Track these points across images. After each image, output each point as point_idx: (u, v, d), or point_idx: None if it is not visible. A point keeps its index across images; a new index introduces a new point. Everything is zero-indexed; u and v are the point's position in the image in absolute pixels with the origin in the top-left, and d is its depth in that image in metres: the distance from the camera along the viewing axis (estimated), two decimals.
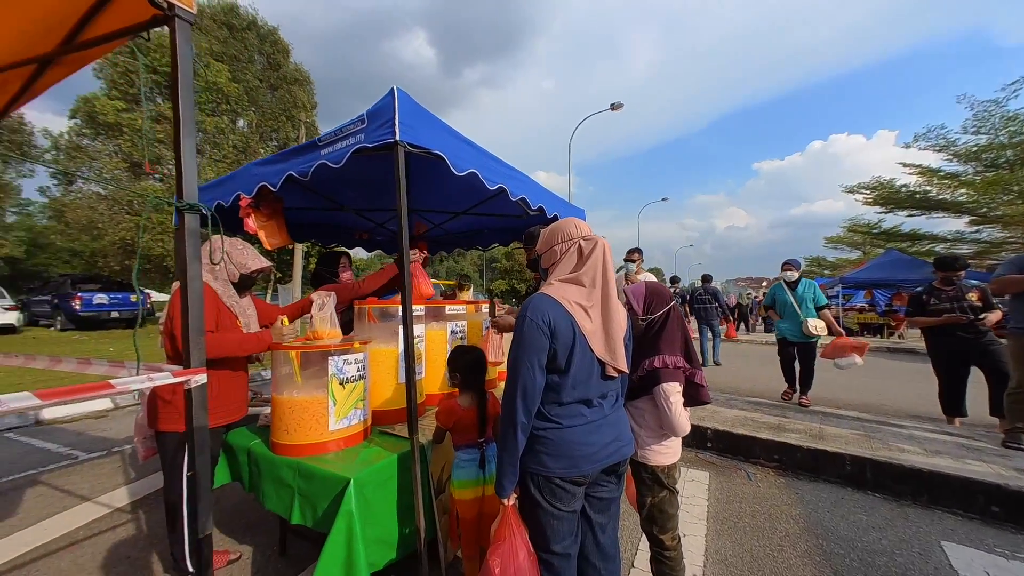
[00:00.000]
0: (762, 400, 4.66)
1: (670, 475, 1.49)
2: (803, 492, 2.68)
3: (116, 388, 0.76)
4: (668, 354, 1.46)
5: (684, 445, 3.52)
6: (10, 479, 3.19)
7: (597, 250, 1.30)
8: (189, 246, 0.94)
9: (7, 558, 2.16)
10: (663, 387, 1.43)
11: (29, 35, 1.29)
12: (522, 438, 1.22)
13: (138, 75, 12.43)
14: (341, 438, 1.76)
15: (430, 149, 1.89)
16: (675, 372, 1.44)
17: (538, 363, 1.20)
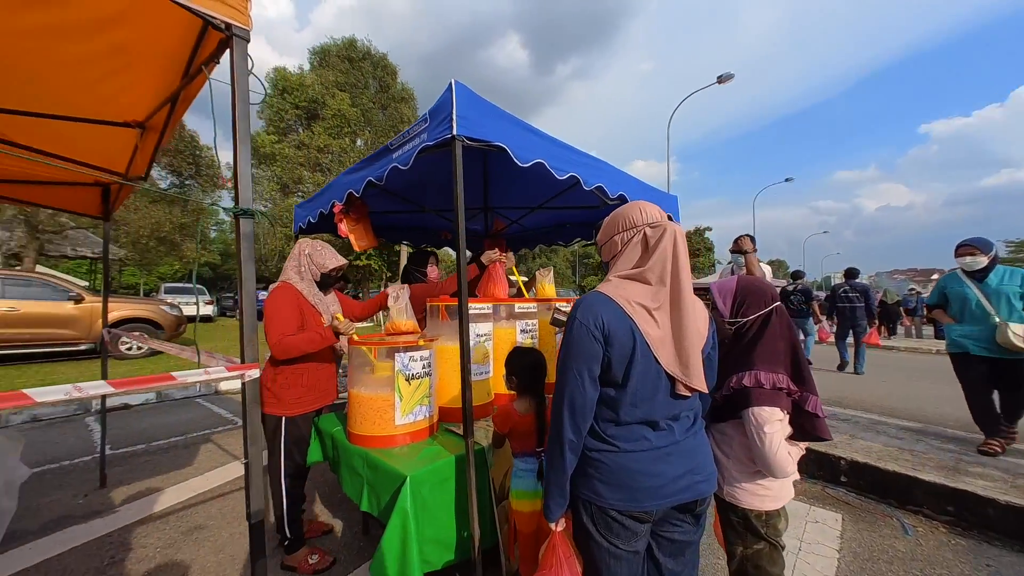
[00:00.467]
0: (925, 428, 3.57)
1: (770, 524, 1.16)
2: (1002, 567, 1.93)
3: (176, 380, 0.87)
4: (765, 369, 1.13)
5: (808, 473, 2.87)
6: (194, 435, 4.12)
7: (665, 239, 1.06)
8: (244, 249, 1.01)
9: (180, 499, 2.76)
10: (753, 412, 1.12)
11: (163, 78, 1.57)
12: (571, 457, 1.06)
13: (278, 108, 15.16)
14: (407, 433, 1.81)
15: (490, 141, 1.82)
16: (773, 394, 1.11)
17: (588, 373, 1.03)
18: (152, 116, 1.82)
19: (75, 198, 2.79)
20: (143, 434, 4.12)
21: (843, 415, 3.96)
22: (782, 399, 1.10)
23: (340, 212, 2.71)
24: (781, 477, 1.11)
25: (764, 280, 1.25)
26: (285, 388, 1.93)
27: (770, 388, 1.10)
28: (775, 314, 1.17)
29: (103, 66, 1.47)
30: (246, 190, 1.00)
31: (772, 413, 1.10)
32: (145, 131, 1.97)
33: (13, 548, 2.20)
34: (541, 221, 4.29)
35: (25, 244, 11.69)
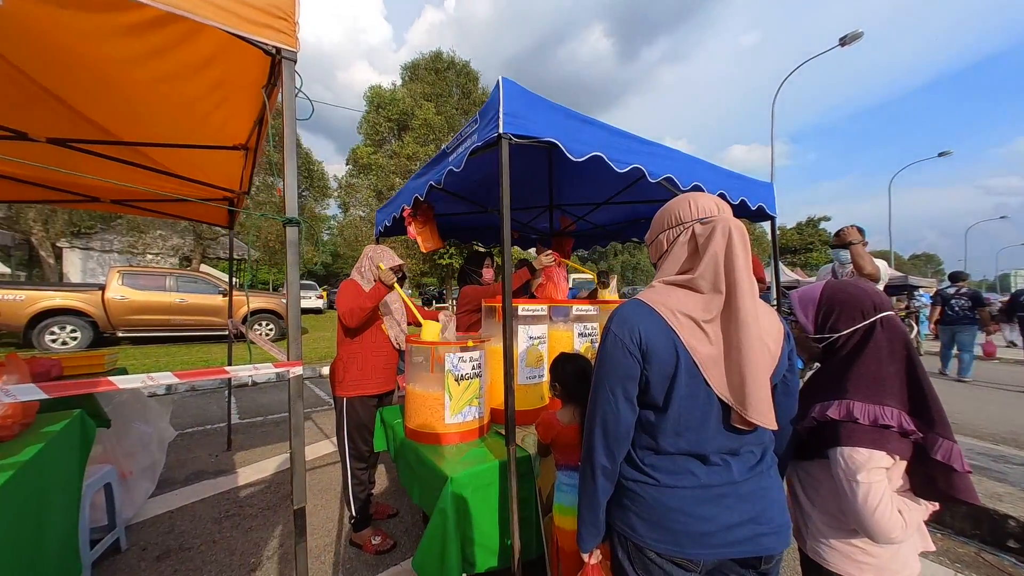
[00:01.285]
0: None
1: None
2: None
3: (229, 374, 0.98)
4: (863, 399, 0.88)
5: (952, 529, 2.24)
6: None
7: (717, 237, 0.89)
8: (291, 255, 1.10)
9: (282, 468, 3.20)
10: (842, 454, 0.87)
11: (256, 104, 1.80)
12: (604, 483, 0.95)
13: (374, 123, 16.79)
14: (456, 432, 1.83)
15: (539, 137, 1.74)
16: (872, 433, 0.85)
17: (623, 393, 0.91)
18: (251, 137, 2.11)
19: (209, 212, 3.41)
20: (263, 407, 4.89)
21: (1016, 457, 3.04)
22: (890, 440, 0.84)
23: (408, 216, 2.87)
24: (883, 543, 0.85)
25: (863, 283, 0.97)
26: (345, 369, 2.14)
27: (868, 424, 0.85)
28: (880, 327, 0.90)
29: (209, 100, 1.74)
30: (292, 201, 1.09)
31: (870, 457, 0.84)
32: (248, 151, 2.30)
33: (165, 492, 2.77)
34: (612, 217, 4.06)
35: (193, 249, 14.81)
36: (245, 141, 2.22)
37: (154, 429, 2.79)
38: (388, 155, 17.22)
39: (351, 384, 2.15)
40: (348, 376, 2.14)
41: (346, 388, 2.14)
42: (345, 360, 2.16)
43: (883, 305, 0.93)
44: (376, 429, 2.25)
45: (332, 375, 2.19)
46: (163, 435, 2.87)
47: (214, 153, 2.32)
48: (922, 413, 0.85)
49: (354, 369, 2.15)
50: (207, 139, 2.19)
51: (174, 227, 14.87)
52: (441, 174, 2.12)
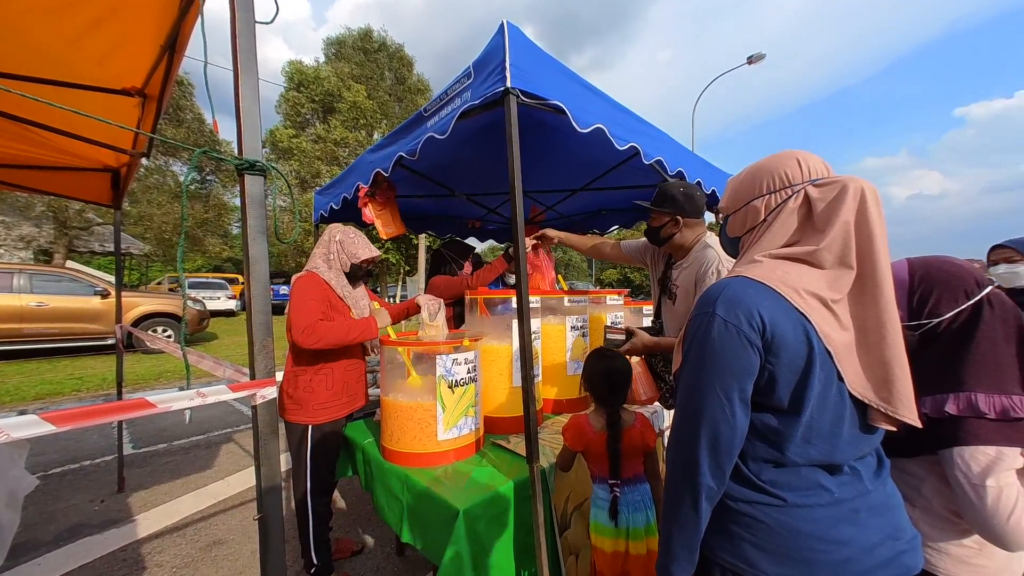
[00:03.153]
0: None
1: None
2: None
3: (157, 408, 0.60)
4: (985, 389, 0.79)
5: None
6: (216, 434, 3.97)
7: (848, 202, 0.73)
8: (251, 217, 0.73)
9: (199, 508, 2.57)
10: (964, 456, 0.78)
11: (157, 27, 1.29)
12: (707, 508, 0.75)
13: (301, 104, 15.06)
14: (451, 450, 1.53)
15: (547, 99, 1.50)
16: (1003, 428, 0.77)
17: (739, 395, 0.72)
18: (150, 79, 1.56)
19: (85, 185, 2.60)
20: (165, 432, 3.99)
21: None
22: (1021, 434, 0.76)
23: (366, 195, 2.44)
24: (1015, 551, 0.78)
25: (958, 260, 0.90)
26: (309, 391, 1.67)
27: (996, 417, 0.76)
28: (988, 306, 0.82)
29: (81, 11, 1.20)
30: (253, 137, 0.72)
31: (999, 458, 0.75)
32: (146, 100, 1.72)
33: (22, 563, 2.03)
34: (577, 207, 3.95)
35: (54, 240, 11.96)
36: (142, 85, 1.65)
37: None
38: (312, 139, 15.55)
39: (320, 408, 1.70)
40: (316, 398, 1.69)
41: (313, 413, 1.69)
42: (311, 378, 1.70)
43: (985, 281, 0.85)
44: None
45: (287, 396, 1.70)
46: (15, 487, 2.09)
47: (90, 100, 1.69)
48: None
49: (323, 390, 1.70)
50: (82, 75, 1.58)
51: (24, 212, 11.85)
52: (416, 143, 1.77)
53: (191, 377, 1.03)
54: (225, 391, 0.70)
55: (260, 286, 0.75)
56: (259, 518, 0.76)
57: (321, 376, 1.69)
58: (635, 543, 1.23)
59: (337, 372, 1.74)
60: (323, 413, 1.68)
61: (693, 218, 1.72)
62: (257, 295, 0.75)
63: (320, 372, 1.69)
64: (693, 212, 1.72)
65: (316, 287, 1.72)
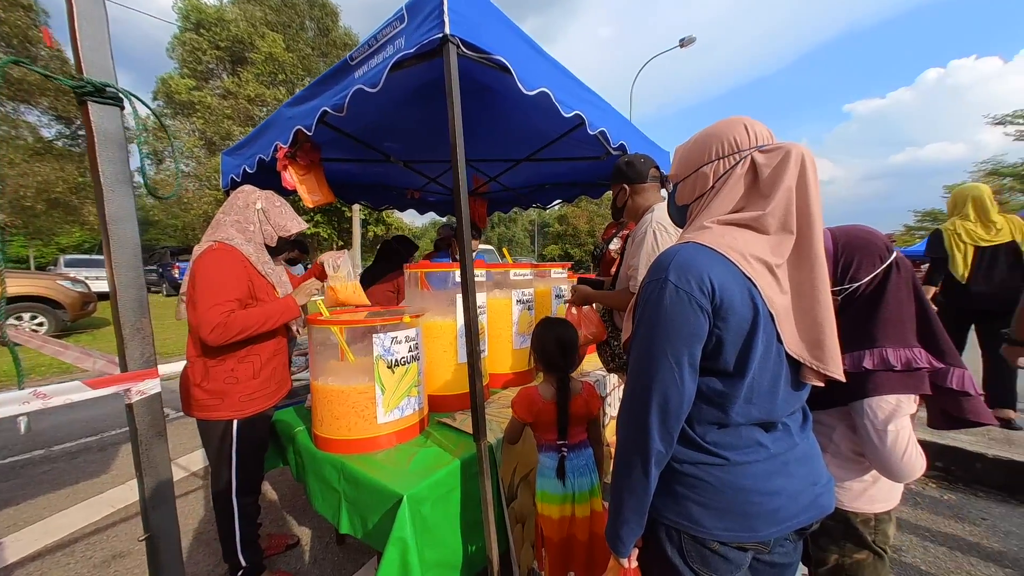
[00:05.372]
0: None
1: (878, 529, 0.96)
2: (993, 519, 1.99)
3: None
4: (893, 344, 0.88)
5: None
6: (112, 433, 3.45)
7: (790, 168, 0.74)
8: (105, 161, 0.55)
9: (91, 520, 2.21)
10: (871, 405, 0.87)
11: None
12: (655, 473, 0.77)
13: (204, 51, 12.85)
14: (392, 432, 1.44)
15: (492, 54, 1.38)
16: (905, 378, 0.87)
17: (688, 360, 0.72)
18: None
19: None
20: (42, 437, 3.37)
21: None
22: (922, 381, 0.87)
23: (285, 157, 2.14)
24: (906, 480, 0.90)
25: (872, 231, 0.99)
26: (232, 382, 1.44)
27: (903, 368, 0.86)
28: (895, 269, 0.91)
29: None
30: (99, 52, 0.52)
31: (900, 403, 0.86)
32: None
33: None
34: (521, 180, 3.86)
35: None
36: None
37: None
38: (220, 94, 13.45)
39: (245, 400, 1.47)
40: (242, 389, 1.46)
41: (239, 406, 1.46)
42: (234, 367, 1.45)
43: (891, 246, 0.94)
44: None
45: (199, 390, 1.44)
46: None
47: None
48: (934, 347, 0.89)
49: (249, 378, 1.48)
50: None
51: None
52: (343, 96, 1.56)
53: (37, 375, 0.82)
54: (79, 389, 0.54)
55: (126, 253, 0.57)
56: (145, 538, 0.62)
57: (247, 364, 1.47)
58: (580, 506, 1.26)
59: (265, 357, 1.53)
60: (251, 405, 1.48)
61: (639, 183, 1.79)
62: (122, 264, 0.57)
63: (246, 359, 1.46)
64: (636, 177, 1.79)
65: (234, 264, 1.45)
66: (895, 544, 1.81)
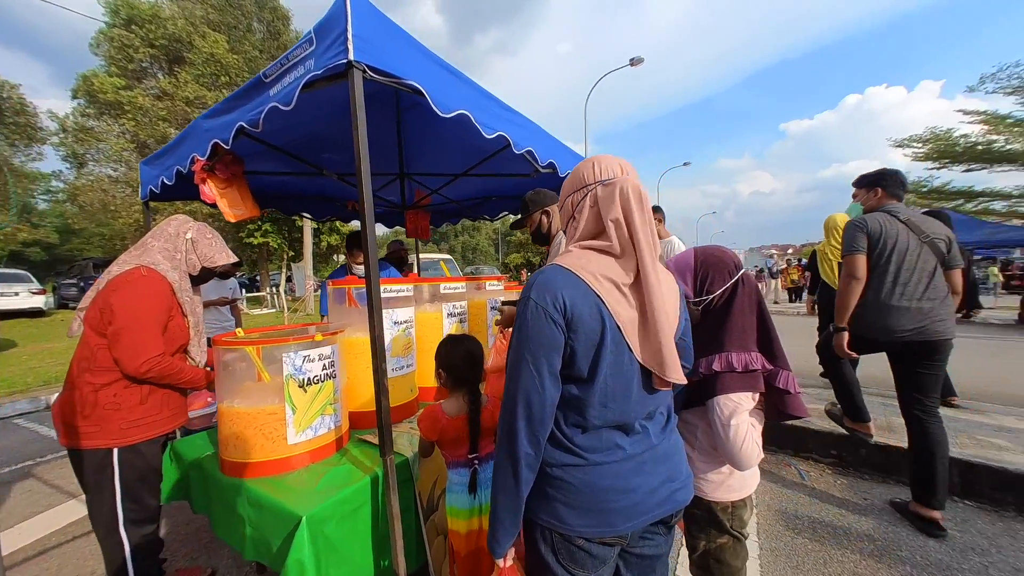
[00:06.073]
0: (804, 380, 4.15)
1: (736, 516, 1.08)
2: (872, 497, 2.25)
3: None
4: (736, 350, 1.01)
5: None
6: (6, 471, 3.08)
7: (615, 199, 0.85)
8: None
9: None
10: (719, 402, 1.00)
11: None
12: (527, 475, 0.83)
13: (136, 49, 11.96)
14: (305, 452, 1.42)
15: (402, 78, 1.43)
16: (744, 378, 1.00)
17: (548, 368, 0.80)
18: None
19: None
20: None
21: None
22: (757, 380, 1.00)
23: (203, 170, 2.07)
24: (745, 469, 1.03)
25: (725, 250, 1.13)
26: (114, 409, 1.37)
27: (742, 371, 0.99)
28: (741, 284, 1.05)
29: None
30: None
31: (740, 400, 0.98)
32: None
33: None
34: (466, 192, 3.93)
35: None
36: None
37: None
38: (154, 94, 12.55)
39: (128, 427, 1.39)
40: (121, 417, 1.38)
41: (120, 433, 1.38)
42: (120, 394, 1.38)
43: (740, 263, 1.08)
44: (165, 474, 1.58)
45: (77, 416, 1.34)
46: None
47: None
48: (769, 352, 1.02)
49: (135, 404, 1.40)
50: None
51: None
52: (258, 113, 1.56)
53: None
54: None
55: None
56: None
57: (134, 390, 1.39)
58: (487, 517, 1.30)
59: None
60: (135, 432, 1.40)
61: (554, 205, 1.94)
62: None
63: (132, 386, 1.39)
64: (553, 200, 1.93)
65: (160, 294, 1.46)
66: (793, 523, 2.00)
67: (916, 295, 1.91)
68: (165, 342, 1.47)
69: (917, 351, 1.94)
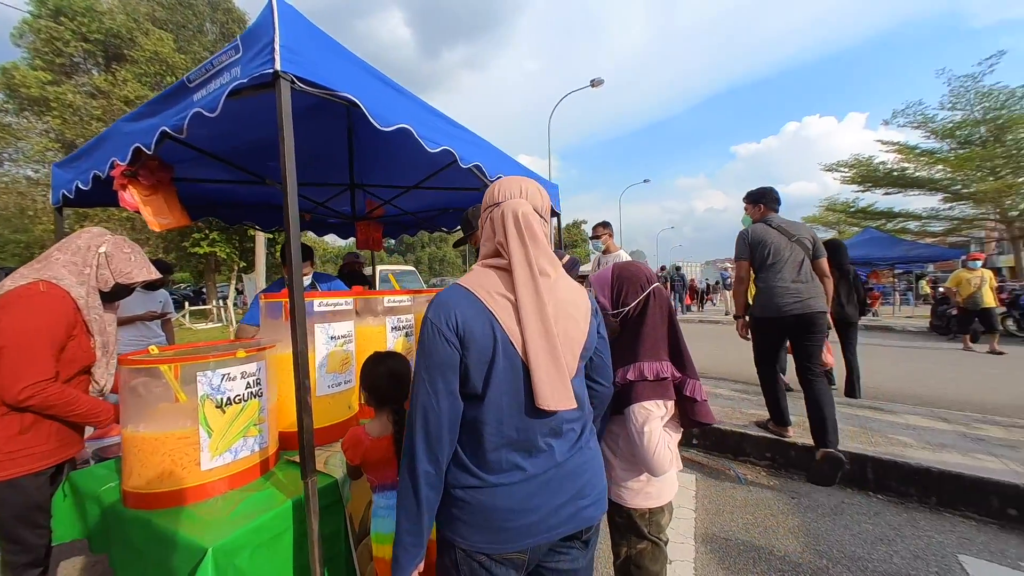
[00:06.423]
0: (748, 386, 4.41)
1: (653, 521, 1.12)
2: (800, 496, 2.40)
3: None
4: (648, 359, 1.06)
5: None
6: None
7: (496, 222, 0.89)
8: None
9: None
10: (633, 410, 1.04)
11: None
12: (428, 493, 0.82)
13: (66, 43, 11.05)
14: (223, 478, 1.32)
15: (335, 90, 1.42)
16: (655, 386, 1.05)
17: (444, 385, 0.80)
18: None
19: None
20: None
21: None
22: (668, 389, 1.04)
23: (123, 175, 1.93)
24: (659, 475, 1.07)
25: (639, 263, 1.19)
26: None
27: (654, 379, 1.03)
28: (652, 297, 1.11)
29: None
30: None
31: (653, 409, 1.03)
32: None
33: None
34: (422, 204, 3.90)
35: None
36: None
37: None
38: (87, 92, 11.59)
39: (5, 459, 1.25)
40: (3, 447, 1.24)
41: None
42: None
43: (652, 278, 1.14)
44: (58, 510, 1.42)
45: None
46: None
47: None
48: (679, 361, 1.08)
49: (12, 434, 1.26)
50: None
51: None
52: (182, 118, 1.49)
53: None
54: None
55: None
56: None
57: (11, 418, 1.25)
58: None
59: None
60: (12, 465, 1.25)
61: None
62: None
63: (9, 414, 1.25)
64: None
65: (60, 312, 1.33)
66: (729, 525, 2.09)
67: (791, 278, 2.56)
68: (62, 364, 1.34)
69: (803, 325, 2.54)
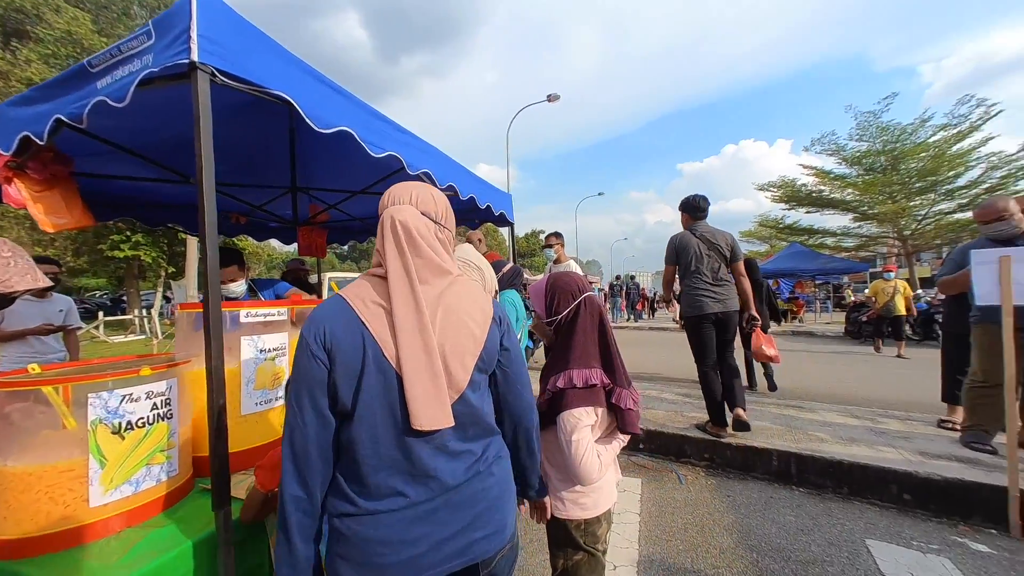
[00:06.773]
0: (692, 390, 4.65)
1: (588, 532, 1.12)
2: (734, 494, 2.55)
3: None
4: (578, 367, 1.07)
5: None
6: None
7: (379, 229, 0.84)
8: None
9: None
10: (562, 418, 1.05)
11: None
12: (300, 520, 0.76)
13: None
14: (118, 515, 1.16)
15: (265, 87, 1.33)
16: (585, 394, 1.06)
17: (310, 403, 0.75)
18: None
19: None
20: None
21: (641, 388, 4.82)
22: (598, 395, 1.06)
23: (7, 167, 1.68)
24: (587, 485, 1.07)
25: (572, 272, 1.22)
26: None
27: (583, 386, 1.04)
28: (583, 305, 1.13)
29: None
30: None
31: (581, 416, 1.03)
32: None
33: None
34: (371, 209, 3.76)
35: None
36: None
37: None
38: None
39: None
40: None
41: None
42: None
43: (585, 287, 1.16)
44: None
45: None
46: None
47: None
48: (610, 369, 1.10)
49: None
50: None
51: None
52: (82, 106, 1.33)
53: None
54: None
55: None
56: None
57: None
58: None
59: None
60: None
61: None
62: None
63: None
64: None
65: None
66: (669, 526, 2.17)
67: (710, 281, 2.96)
68: None
69: (723, 322, 2.96)
